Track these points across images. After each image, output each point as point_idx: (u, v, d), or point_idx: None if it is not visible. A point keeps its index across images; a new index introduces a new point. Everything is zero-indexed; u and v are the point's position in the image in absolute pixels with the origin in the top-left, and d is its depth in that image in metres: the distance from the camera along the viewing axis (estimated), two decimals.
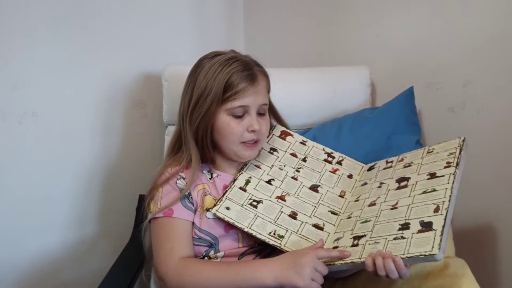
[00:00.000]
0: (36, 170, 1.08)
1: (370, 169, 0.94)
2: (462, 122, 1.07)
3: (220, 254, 0.80)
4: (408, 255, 0.63)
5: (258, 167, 0.91)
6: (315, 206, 0.85)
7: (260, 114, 0.86)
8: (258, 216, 0.80)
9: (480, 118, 1.03)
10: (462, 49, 1.05)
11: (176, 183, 0.84)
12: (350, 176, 0.94)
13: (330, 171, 0.94)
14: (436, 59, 1.11)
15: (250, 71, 0.83)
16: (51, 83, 1.07)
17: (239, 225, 0.77)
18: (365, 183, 0.90)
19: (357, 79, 1.18)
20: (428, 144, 1.13)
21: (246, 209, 0.81)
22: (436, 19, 1.09)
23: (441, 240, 0.62)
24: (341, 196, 0.89)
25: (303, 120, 1.14)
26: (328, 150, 0.98)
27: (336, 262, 0.71)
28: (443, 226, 0.64)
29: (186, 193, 0.83)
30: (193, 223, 0.82)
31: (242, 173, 0.88)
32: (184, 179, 0.85)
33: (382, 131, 1.04)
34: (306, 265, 0.68)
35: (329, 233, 0.81)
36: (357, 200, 0.86)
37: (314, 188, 0.89)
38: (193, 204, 0.83)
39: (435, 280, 0.79)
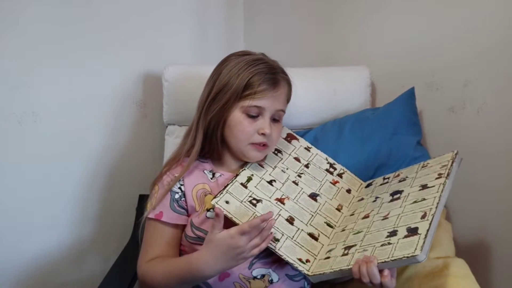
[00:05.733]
0: (35, 170, 1.08)
1: (368, 185, 0.96)
2: (462, 122, 1.07)
3: None
4: (392, 258, 0.65)
5: (261, 166, 0.91)
6: (312, 215, 0.86)
7: (274, 120, 0.86)
8: (256, 215, 0.80)
9: (480, 118, 1.03)
10: (462, 49, 1.05)
11: (169, 183, 0.84)
12: (348, 191, 0.95)
13: (330, 182, 0.95)
14: (436, 59, 1.10)
15: (274, 75, 0.83)
16: (51, 83, 1.07)
17: (237, 221, 0.77)
18: (362, 199, 0.91)
19: (357, 79, 1.18)
20: (428, 144, 1.14)
21: (245, 206, 0.81)
22: (436, 19, 1.09)
23: (424, 243, 0.64)
24: (338, 210, 0.90)
25: (303, 120, 1.14)
26: (331, 160, 0.99)
27: (325, 271, 0.72)
28: (428, 230, 0.66)
29: (177, 197, 0.83)
30: (187, 224, 0.83)
31: (245, 169, 0.88)
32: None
33: (383, 132, 1.04)
34: (241, 248, 0.69)
35: (323, 244, 0.81)
36: (352, 214, 0.87)
37: (313, 196, 0.90)
38: (184, 208, 0.83)
39: (435, 280, 0.79)
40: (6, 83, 1.00)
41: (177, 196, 0.83)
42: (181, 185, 0.84)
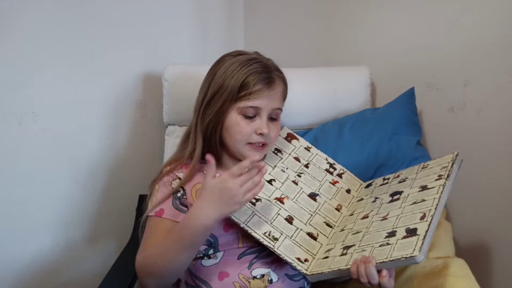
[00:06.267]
0: (35, 170, 1.08)
1: (368, 186, 0.96)
2: (462, 122, 1.07)
3: (220, 253, 0.80)
4: (391, 259, 0.65)
5: None
6: (312, 215, 0.86)
7: (272, 118, 0.86)
8: (255, 214, 0.80)
9: (480, 118, 1.03)
10: (462, 49, 1.05)
11: (171, 183, 0.84)
12: (348, 191, 0.95)
13: (330, 182, 0.94)
14: (436, 59, 1.11)
15: (269, 74, 0.83)
16: (51, 83, 1.07)
17: (236, 220, 0.77)
18: (361, 199, 0.91)
19: (357, 79, 1.18)
20: (428, 144, 1.14)
21: (244, 204, 0.81)
22: (436, 19, 1.09)
23: (423, 244, 0.64)
24: (338, 210, 0.90)
25: (303, 120, 1.14)
26: (331, 160, 0.99)
27: (323, 271, 0.72)
28: (427, 231, 0.66)
29: (179, 195, 0.83)
30: None
31: None
32: (180, 179, 0.84)
33: (383, 132, 1.04)
34: (233, 191, 0.70)
35: (322, 244, 0.81)
36: (351, 215, 0.87)
37: (313, 196, 0.90)
38: (186, 206, 0.83)
39: (435, 280, 0.79)
40: (6, 83, 1.00)
41: (179, 194, 0.83)
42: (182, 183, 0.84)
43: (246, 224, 0.78)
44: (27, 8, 1.00)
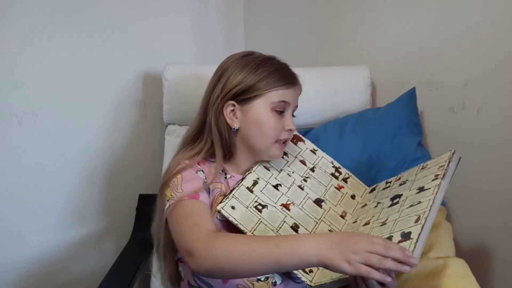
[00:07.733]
0: (35, 170, 1.08)
1: (372, 191, 0.95)
2: (462, 122, 1.07)
3: None
4: None
5: (267, 169, 0.89)
6: (317, 222, 0.85)
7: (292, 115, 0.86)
8: (261, 221, 0.79)
9: (480, 118, 1.03)
10: (462, 49, 1.05)
11: (196, 172, 0.80)
12: (353, 197, 0.93)
13: (335, 187, 0.93)
14: (436, 59, 1.10)
15: (290, 70, 0.85)
16: (51, 83, 1.07)
17: (242, 228, 0.76)
18: (365, 205, 0.90)
19: (357, 79, 1.18)
20: (428, 144, 1.14)
21: (250, 212, 0.79)
22: (436, 19, 1.09)
23: (415, 247, 0.63)
24: (342, 217, 0.88)
25: (303, 120, 1.13)
26: (336, 164, 0.98)
27: (326, 281, 0.71)
28: (419, 234, 0.65)
29: (206, 188, 0.79)
30: None
31: (250, 172, 0.86)
32: (203, 172, 0.81)
33: (385, 132, 1.04)
34: (355, 246, 0.57)
35: None
36: (355, 222, 0.86)
37: (318, 202, 0.88)
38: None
39: (435, 280, 0.79)
40: (6, 83, 1.00)
41: (207, 187, 0.79)
42: (205, 176, 0.80)
43: (252, 233, 0.76)
44: (27, 8, 1.00)
